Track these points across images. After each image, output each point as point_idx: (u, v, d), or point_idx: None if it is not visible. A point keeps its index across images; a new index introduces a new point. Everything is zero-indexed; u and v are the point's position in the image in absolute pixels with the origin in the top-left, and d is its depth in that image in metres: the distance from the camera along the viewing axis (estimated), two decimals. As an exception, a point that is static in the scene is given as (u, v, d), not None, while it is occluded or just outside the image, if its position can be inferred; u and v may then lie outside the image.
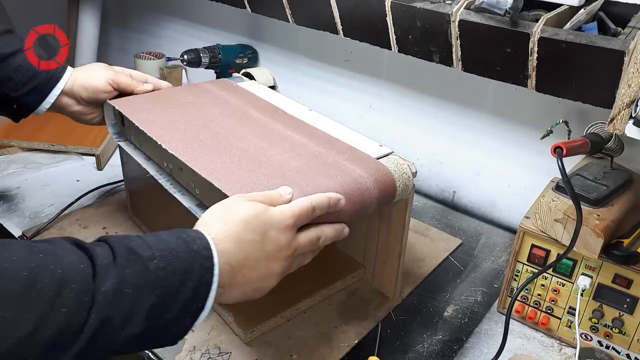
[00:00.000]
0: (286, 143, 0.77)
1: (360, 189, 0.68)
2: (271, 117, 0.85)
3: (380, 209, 0.74)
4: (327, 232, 0.62)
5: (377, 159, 0.75)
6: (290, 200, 0.61)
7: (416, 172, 0.75)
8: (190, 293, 0.49)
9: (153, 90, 0.92)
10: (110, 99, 0.88)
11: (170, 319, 0.48)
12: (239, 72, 1.10)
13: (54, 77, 0.86)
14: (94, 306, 0.44)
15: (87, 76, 0.87)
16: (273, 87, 0.99)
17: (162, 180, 0.81)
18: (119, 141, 0.91)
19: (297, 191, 0.63)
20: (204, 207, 0.75)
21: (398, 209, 0.78)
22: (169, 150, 0.73)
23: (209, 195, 0.71)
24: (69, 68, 0.88)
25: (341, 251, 0.93)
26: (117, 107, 0.85)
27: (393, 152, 0.77)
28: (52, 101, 0.86)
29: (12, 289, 0.40)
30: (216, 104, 0.89)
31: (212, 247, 0.51)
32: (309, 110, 0.89)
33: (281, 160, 0.72)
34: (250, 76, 1.06)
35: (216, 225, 0.54)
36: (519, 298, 0.84)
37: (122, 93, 0.90)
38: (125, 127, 0.89)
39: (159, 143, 0.75)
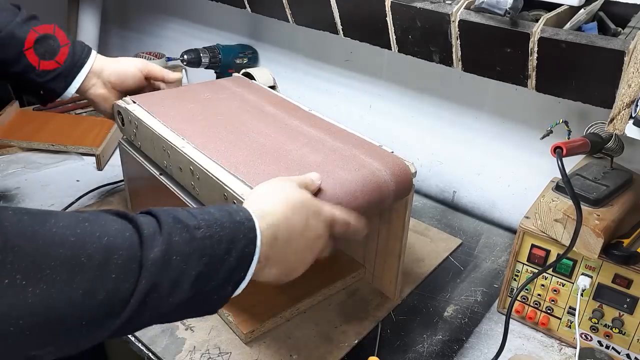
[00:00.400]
0: (304, 138, 0.78)
1: (378, 182, 0.69)
2: (287, 112, 0.87)
3: (396, 202, 0.75)
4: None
5: None
6: (318, 187, 0.64)
7: (416, 172, 0.75)
8: (235, 262, 0.50)
9: (181, 79, 0.95)
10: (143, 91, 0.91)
11: (215, 286, 0.49)
12: (239, 72, 1.10)
13: (78, 63, 0.88)
14: (142, 273, 0.44)
15: (118, 60, 0.91)
16: (273, 87, 0.99)
17: (166, 182, 0.82)
18: None
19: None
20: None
21: (398, 210, 0.78)
22: (191, 145, 0.74)
23: (208, 195, 0.71)
24: (94, 52, 0.90)
25: (341, 251, 0.93)
26: (137, 102, 0.87)
27: (393, 152, 0.77)
28: (77, 86, 0.88)
29: (62, 252, 0.41)
30: (234, 100, 0.91)
31: (254, 218, 0.53)
32: (309, 111, 0.89)
33: (300, 155, 0.73)
34: (250, 76, 1.06)
35: (264, 200, 0.56)
36: (519, 298, 0.84)
37: (150, 84, 0.93)
38: (124, 128, 0.89)
39: (180, 138, 0.76)
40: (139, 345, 0.77)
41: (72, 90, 0.88)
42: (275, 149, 0.75)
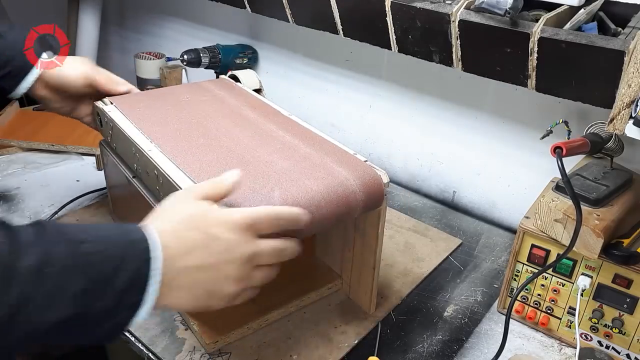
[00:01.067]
0: (277, 143, 0.77)
1: (345, 192, 0.67)
2: (265, 117, 0.85)
3: (367, 213, 0.72)
4: (292, 245, 0.59)
5: None
6: (231, 185, 0.59)
7: (388, 182, 0.72)
8: (125, 283, 0.47)
9: (128, 92, 0.91)
10: (89, 96, 0.88)
11: (104, 308, 0.47)
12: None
13: (29, 64, 0.85)
14: (13, 282, 0.42)
15: (63, 65, 0.86)
16: (259, 90, 0.97)
17: (138, 185, 0.81)
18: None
19: (280, 192, 0.63)
20: None
21: (371, 220, 0.76)
22: (158, 149, 0.73)
23: None
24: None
25: (320, 260, 0.91)
26: (114, 104, 0.85)
27: (367, 160, 0.74)
28: (28, 86, 0.85)
29: None
30: (213, 103, 0.89)
31: (152, 239, 0.50)
32: (289, 115, 0.87)
33: (269, 161, 0.71)
34: (236, 79, 1.05)
35: (160, 219, 0.54)
36: (519, 298, 0.84)
37: (98, 92, 0.89)
38: (102, 129, 0.88)
39: (149, 141, 0.75)
40: (139, 345, 0.77)
41: (21, 90, 0.85)
42: (243, 155, 0.73)
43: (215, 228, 0.54)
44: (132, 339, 0.78)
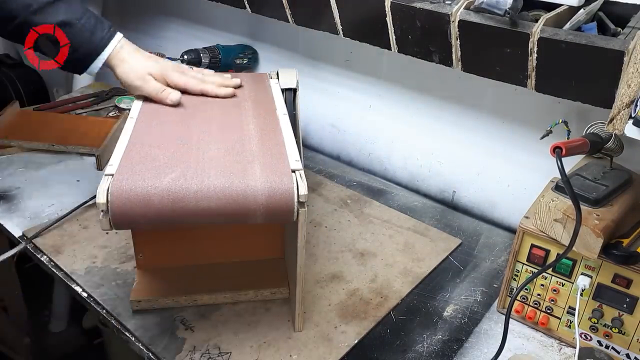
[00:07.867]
0: (236, 135, 0.78)
1: (244, 195, 0.66)
2: (256, 111, 0.86)
3: (271, 221, 0.70)
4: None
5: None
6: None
7: (305, 195, 0.67)
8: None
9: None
10: None
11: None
12: (239, 72, 1.09)
13: (95, 51, 0.91)
14: None
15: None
16: (294, 90, 0.97)
17: None
18: None
19: (173, 177, 0.67)
20: None
21: (291, 233, 0.74)
22: (134, 118, 0.82)
23: None
24: (115, 38, 0.96)
25: (283, 264, 0.90)
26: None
27: (297, 171, 0.70)
28: (94, 72, 0.94)
29: None
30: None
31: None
32: (282, 115, 0.86)
33: (206, 149, 0.73)
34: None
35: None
36: (518, 298, 0.84)
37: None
38: None
39: (138, 108, 0.85)
40: (139, 345, 0.77)
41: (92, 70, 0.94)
42: (195, 139, 0.76)
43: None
44: (132, 338, 0.78)
